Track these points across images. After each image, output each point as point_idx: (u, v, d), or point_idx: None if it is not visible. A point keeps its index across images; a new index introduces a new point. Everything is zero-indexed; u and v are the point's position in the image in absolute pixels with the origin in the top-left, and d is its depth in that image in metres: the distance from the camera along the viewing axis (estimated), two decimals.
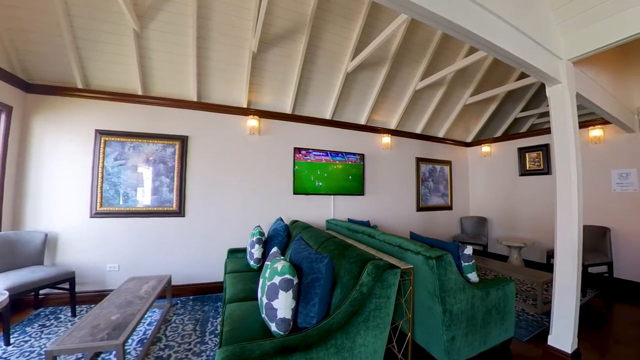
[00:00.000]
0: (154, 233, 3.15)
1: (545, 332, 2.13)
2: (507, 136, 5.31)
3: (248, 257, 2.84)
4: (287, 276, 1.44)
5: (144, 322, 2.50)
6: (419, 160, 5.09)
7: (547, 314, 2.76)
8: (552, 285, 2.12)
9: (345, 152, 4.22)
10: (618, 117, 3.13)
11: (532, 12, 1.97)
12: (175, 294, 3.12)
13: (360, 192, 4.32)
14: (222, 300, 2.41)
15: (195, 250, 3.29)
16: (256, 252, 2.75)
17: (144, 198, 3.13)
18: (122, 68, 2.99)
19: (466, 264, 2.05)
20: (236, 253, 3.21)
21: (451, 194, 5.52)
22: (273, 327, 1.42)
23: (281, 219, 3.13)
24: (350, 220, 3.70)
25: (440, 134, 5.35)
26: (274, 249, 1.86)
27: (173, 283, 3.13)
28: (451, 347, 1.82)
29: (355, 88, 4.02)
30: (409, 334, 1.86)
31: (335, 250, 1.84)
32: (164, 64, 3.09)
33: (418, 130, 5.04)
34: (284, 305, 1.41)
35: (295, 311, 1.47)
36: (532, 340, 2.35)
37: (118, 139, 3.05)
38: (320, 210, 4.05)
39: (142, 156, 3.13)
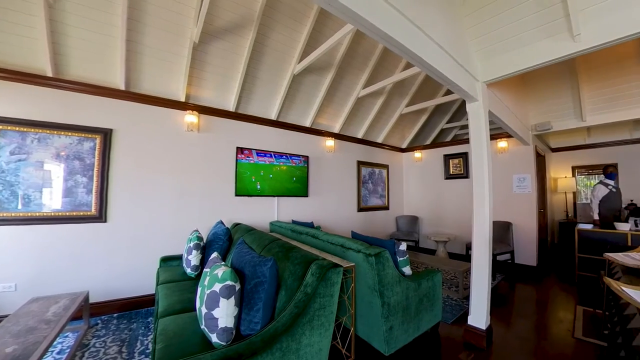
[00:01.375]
0: (67, 242, 2.66)
1: (466, 313, 2.46)
2: (435, 144, 5.99)
3: (184, 264, 2.62)
4: (229, 282, 1.37)
5: (52, 351, 2.09)
6: (360, 164, 5.37)
7: (467, 298, 3.19)
8: (470, 273, 2.46)
9: (289, 154, 4.21)
10: (518, 132, 3.80)
11: (457, 39, 2.27)
12: (94, 312, 2.70)
13: (304, 193, 4.36)
14: (154, 314, 2.17)
15: (120, 260, 2.89)
16: (193, 258, 2.55)
17: (53, 201, 2.63)
18: (26, 42, 2.47)
19: (401, 259, 2.24)
20: (170, 261, 2.92)
21: (388, 195, 5.97)
22: (214, 338, 1.33)
23: (222, 222, 2.97)
24: (294, 222, 3.70)
25: (379, 140, 5.75)
26: (214, 255, 1.76)
27: (92, 300, 2.69)
28: (390, 336, 1.96)
29: (301, 90, 4.06)
30: (352, 329, 1.95)
31: (279, 252, 1.82)
32: (83, 43, 2.65)
33: (359, 135, 5.32)
34: (225, 313, 1.34)
35: (238, 319, 1.41)
36: (456, 322, 2.70)
37: (16, 128, 2.50)
38: (263, 213, 3.96)
39: (50, 150, 2.63)
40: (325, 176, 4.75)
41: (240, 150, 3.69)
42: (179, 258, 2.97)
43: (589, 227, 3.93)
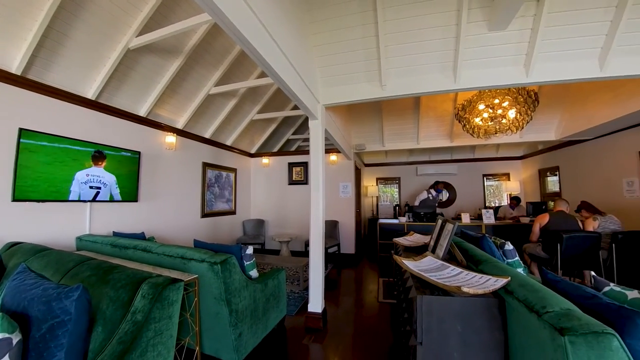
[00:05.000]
0: None
1: (307, 303, 2.80)
2: (281, 152, 6.56)
3: None
4: None
5: None
6: (206, 165, 5.00)
7: (307, 289, 3.63)
8: (308, 266, 2.83)
9: (113, 147, 3.30)
10: (344, 149, 4.78)
11: (307, 63, 2.60)
12: None
13: (133, 198, 3.53)
14: None
15: None
16: None
17: None
18: None
19: (248, 262, 2.25)
20: None
21: (235, 200, 5.88)
22: None
23: None
24: (116, 234, 2.93)
25: (229, 142, 5.58)
26: None
27: None
28: (239, 343, 1.93)
29: (138, 71, 3.32)
30: (197, 348, 1.76)
31: (92, 276, 1.41)
32: None
33: (207, 135, 4.96)
34: None
35: None
36: (299, 312, 3.03)
37: None
38: (66, 225, 2.87)
39: None
40: (162, 177, 4.06)
41: (26, 133, 2.53)
42: None
43: (386, 221, 5.47)
